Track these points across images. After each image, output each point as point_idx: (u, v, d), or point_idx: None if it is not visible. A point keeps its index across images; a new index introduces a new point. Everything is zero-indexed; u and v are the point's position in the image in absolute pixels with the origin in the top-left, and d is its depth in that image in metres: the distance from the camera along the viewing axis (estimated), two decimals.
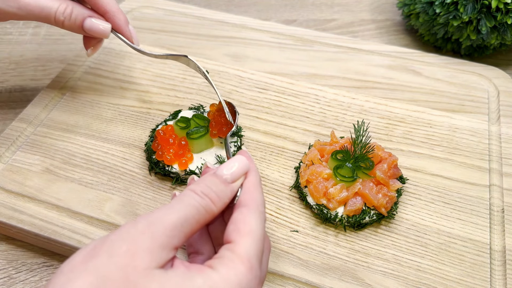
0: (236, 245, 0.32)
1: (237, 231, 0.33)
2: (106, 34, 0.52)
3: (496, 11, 0.64)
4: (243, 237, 0.32)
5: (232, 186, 0.36)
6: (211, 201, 0.34)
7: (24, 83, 0.68)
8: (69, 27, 0.51)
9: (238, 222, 0.33)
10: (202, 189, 0.34)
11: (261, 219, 0.34)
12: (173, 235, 0.30)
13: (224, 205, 0.35)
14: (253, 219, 0.34)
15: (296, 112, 0.61)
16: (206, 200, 0.33)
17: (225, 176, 0.35)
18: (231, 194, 0.36)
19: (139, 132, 0.58)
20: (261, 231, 0.34)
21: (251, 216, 0.34)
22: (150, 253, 0.29)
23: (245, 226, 0.33)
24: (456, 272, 0.46)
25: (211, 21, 0.74)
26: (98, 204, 0.50)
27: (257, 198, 0.36)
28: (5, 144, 0.55)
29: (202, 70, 0.52)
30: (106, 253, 0.29)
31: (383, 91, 0.64)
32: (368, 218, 0.48)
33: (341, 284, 0.45)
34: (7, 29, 0.77)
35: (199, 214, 0.33)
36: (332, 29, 0.81)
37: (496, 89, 0.64)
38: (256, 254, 0.32)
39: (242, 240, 0.32)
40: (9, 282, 0.47)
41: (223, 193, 0.35)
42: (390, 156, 0.51)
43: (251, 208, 0.34)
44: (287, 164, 0.55)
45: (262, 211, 0.35)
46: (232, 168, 0.36)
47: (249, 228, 0.33)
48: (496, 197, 0.52)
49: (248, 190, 0.36)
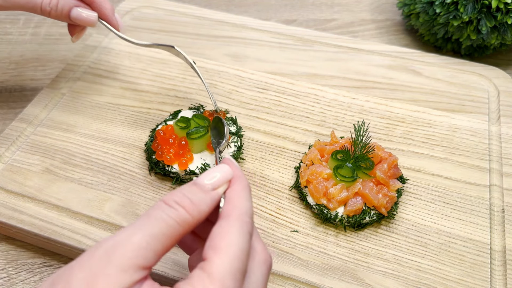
0: (208, 263, 0.29)
1: (213, 247, 0.29)
2: (93, 23, 0.53)
3: (496, 11, 0.64)
4: (218, 253, 0.29)
5: (212, 193, 0.32)
6: (185, 210, 0.30)
7: (24, 83, 0.68)
8: (55, 17, 0.52)
9: (215, 236, 0.30)
10: (176, 198, 0.31)
11: (243, 231, 0.30)
12: (137, 256, 0.28)
13: (204, 214, 0.31)
14: (233, 232, 0.30)
15: (296, 112, 0.61)
16: (178, 211, 0.30)
17: (205, 184, 0.32)
18: (212, 202, 0.32)
19: (139, 132, 0.58)
20: (243, 245, 0.30)
21: (230, 228, 0.30)
22: (108, 277, 0.27)
23: (221, 241, 0.29)
24: (456, 272, 0.46)
25: (211, 21, 0.74)
26: (98, 204, 0.50)
27: (241, 207, 0.32)
28: (5, 144, 0.55)
29: (189, 61, 0.54)
30: (64, 282, 0.27)
31: (383, 91, 0.64)
32: (368, 218, 0.48)
33: (341, 284, 0.45)
34: (7, 29, 0.77)
35: (169, 228, 0.29)
36: (332, 29, 0.81)
37: (496, 89, 0.64)
38: (231, 272, 0.28)
39: (215, 257, 0.29)
40: (9, 282, 0.47)
41: (201, 201, 0.31)
42: (390, 156, 0.51)
43: (231, 220, 0.31)
44: (287, 164, 0.55)
45: (247, 221, 0.31)
46: (214, 177, 0.33)
47: (226, 242, 0.29)
48: (496, 197, 0.52)
49: (230, 199, 0.32)
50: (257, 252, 0.33)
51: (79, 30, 0.56)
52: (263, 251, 0.33)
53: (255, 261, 0.32)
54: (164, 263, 0.45)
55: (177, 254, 0.46)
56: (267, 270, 0.33)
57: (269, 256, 0.34)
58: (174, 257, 0.46)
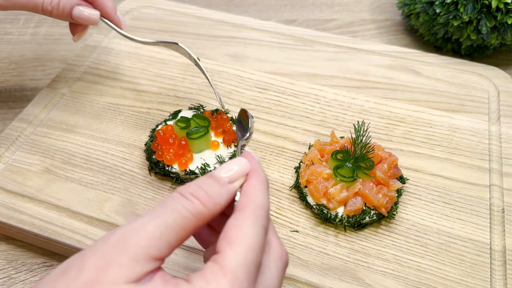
0: (221, 255, 0.28)
1: (227, 239, 0.29)
2: (95, 22, 0.53)
3: (496, 11, 0.64)
4: (231, 245, 0.29)
5: (228, 187, 0.32)
6: (200, 203, 0.30)
7: (24, 83, 0.68)
8: (57, 16, 0.51)
9: (229, 229, 0.30)
10: (192, 191, 0.31)
11: (258, 224, 0.30)
12: (150, 245, 0.28)
13: (219, 207, 0.31)
14: (248, 224, 0.30)
15: (296, 112, 0.61)
16: (194, 203, 0.30)
17: (221, 177, 0.32)
18: (228, 195, 0.32)
19: (139, 132, 0.58)
20: (257, 238, 0.29)
21: (245, 221, 0.30)
22: (120, 266, 0.27)
23: (235, 233, 0.29)
24: (456, 272, 0.46)
25: (211, 21, 0.74)
26: (98, 204, 0.50)
27: (256, 200, 0.31)
28: (5, 144, 0.55)
29: (193, 57, 0.53)
30: (76, 269, 0.27)
31: (383, 91, 0.64)
32: (368, 218, 0.48)
33: (341, 284, 0.45)
34: (7, 29, 0.77)
35: (184, 219, 0.29)
36: (332, 29, 0.81)
37: (496, 89, 0.64)
38: (245, 264, 0.28)
39: (229, 249, 0.28)
40: (9, 282, 0.47)
41: (217, 194, 0.31)
42: (390, 156, 0.51)
43: (246, 212, 0.30)
44: (287, 164, 0.55)
45: (262, 215, 0.31)
46: (231, 170, 0.33)
47: (241, 235, 0.29)
48: (496, 197, 0.52)
49: (246, 192, 0.32)
50: (273, 247, 0.32)
51: (81, 29, 0.55)
52: (279, 246, 0.33)
53: (270, 256, 0.32)
54: (164, 263, 0.45)
55: (177, 254, 0.46)
56: (283, 266, 0.33)
57: (285, 252, 0.33)
58: (174, 257, 0.46)
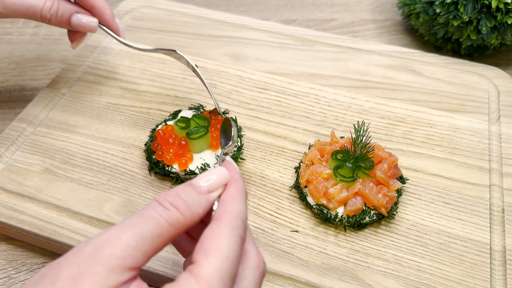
0: (196, 265, 0.28)
1: (202, 249, 0.29)
2: (94, 29, 0.53)
3: (496, 11, 0.64)
4: (206, 255, 0.28)
5: (207, 196, 0.32)
6: (178, 211, 0.30)
7: (24, 83, 0.68)
8: (56, 23, 0.52)
9: (205, 239, 0.29)
10: (170, 199, 0.30)
11: (234, 234, 0.30)
12: (126, 256, 0.27)
13: (197, 216, 0.31)
14: (223, 234, 0.29)
15: (296, 112, 0.61)
16: (171, 212, 0.30)
17: (200, 186, 0.32)
18: (206, 204, 0.32)
19: (139, 132, 0.58)
20: (233, 248, 0.29)
21: (221, 231, 0.30)
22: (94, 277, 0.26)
23: (211, 243, 0.29)
24: (456, 272, 0.46)
25: (211, 21, 0.74)
26: (98, 204, 0.50)
27: (233, 210, 0.31)
28: (5, 144, 0.55)
29: (191, 64, 0.54)
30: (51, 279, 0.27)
31: (383, 91, 0.64)
32: (368, 218, 0.48)
33: (341, 284, 0.45)
34: (7, 29, 0.77)
35: (160, 228, 0.29)
36: (332, 29, 0.81)
37: (496, 89, 0.64)
38: (220, 274, 0.28)
39: (204, 259, 0.28)
40: (9, 282, 0.47)
41: (196, 203, 0.31)
42: (390, 156, 0.51)
43: (222, 222, 0.30)
44: (287, 164, 0.55)
45: (239, 225, 0.31)
46: (210, 179, 0.33)
47: (216, 244, 0.29)
48: (496, 197, 0.52)
49: (223, 202, 0.32)
50: (250, 257, 0.32)
51: (79, 36, 0.56)
52: (257, 256, 0.33)
53: (248, 266, 0.32)
54: (164, 263, 0.45)
55: (178, 254, 0.46)
56: (261, 275, 0.33)
57: (263, 261, 0.33)
58: (174, 257, 0.46)
